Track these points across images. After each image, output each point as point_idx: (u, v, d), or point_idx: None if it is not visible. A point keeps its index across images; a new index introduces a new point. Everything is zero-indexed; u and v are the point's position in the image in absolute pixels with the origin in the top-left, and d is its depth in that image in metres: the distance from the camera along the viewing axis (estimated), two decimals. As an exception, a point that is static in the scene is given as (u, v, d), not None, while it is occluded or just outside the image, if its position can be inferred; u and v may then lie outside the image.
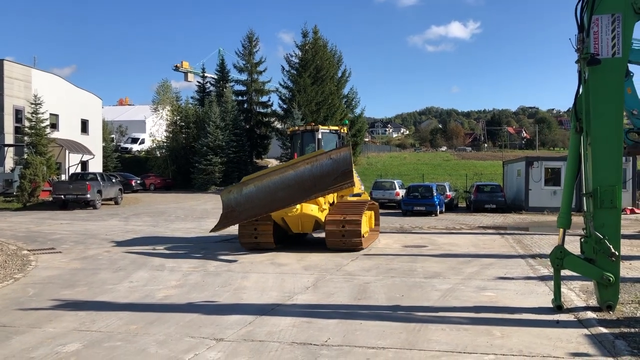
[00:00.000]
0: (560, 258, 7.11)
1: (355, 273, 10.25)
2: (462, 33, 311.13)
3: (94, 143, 41.08)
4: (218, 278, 9.82)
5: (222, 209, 12.71)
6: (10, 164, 31.57)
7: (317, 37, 48.70)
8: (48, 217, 22.94)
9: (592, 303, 7.53)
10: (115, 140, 58.60)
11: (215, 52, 79.62)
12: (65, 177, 33.41)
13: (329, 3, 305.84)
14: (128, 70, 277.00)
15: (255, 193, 12.22)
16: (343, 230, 12.70)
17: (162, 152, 50.23)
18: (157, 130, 50.53)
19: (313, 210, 12.86)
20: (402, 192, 29.60)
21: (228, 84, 50.91)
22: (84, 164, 37.22)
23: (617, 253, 6.87)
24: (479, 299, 8.03)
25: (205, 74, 55.91)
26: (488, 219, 23.49)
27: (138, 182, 42.21)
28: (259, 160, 51.86)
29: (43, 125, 31.79)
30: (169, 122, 49.20)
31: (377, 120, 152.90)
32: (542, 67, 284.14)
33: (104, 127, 48.63)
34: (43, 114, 31.93)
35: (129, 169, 47.81)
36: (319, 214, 13.03)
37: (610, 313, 6.96)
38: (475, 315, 7.09)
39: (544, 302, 7.72)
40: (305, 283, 9.28)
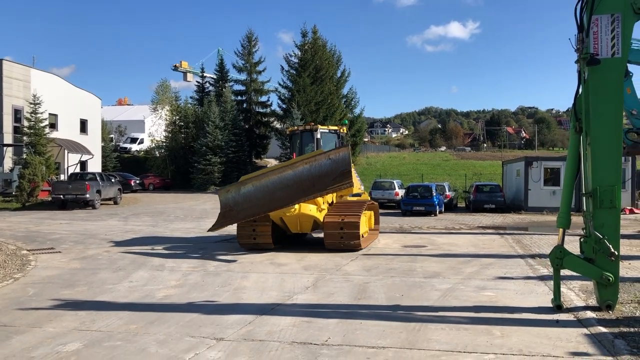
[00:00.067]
0: (560, 258, 7.13)
1: (355, 273, 10.26)
2: (461, 33, 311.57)
3: (93, 143, 41.05)
4: (218, 278, 9.83)
5: (220, 209, 12.71)
6: (9, 164, 31.54)
7: (316, 37, 48.73)
8: (47, 217, 22.92)
9: (591, 303, 7.54)
10: (114, 140, 58.60)
11: (215, 52, 79.91)
12: (64, 177, 33.40)
13: (328, 3, 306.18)
14: (127, 70, 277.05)
15: (254, 193, 12.20)
16: (342, 231, 12.69)
17: (161, 152, 50.24)
18: (156, 130, 50.54)
19: (311, 210, 12.85)
20: (401, 192, 29.61)
21: (227, 84, 50.91)
22: (83, 164, 37.20)
23: (616, 253, 6.89)
24: (479, 299, 8.04)
25: (205, 74, 55.91)
26: (487, 219, 23.51)
27: (137, 182, 42.18)
28: (258, 160, 51.85)
29: (42, 125, 31.75)
30: (168, 122, 49.21)
31: (376, 120, 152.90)
32: (541, 67, 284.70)
33: (103, 127, 48.61)
34: (42, 114, 31.89)
35: (128, 169, 47.78)
36: (318, 214, 13.03)
37: (610, 312, 6.97)
38: (475, 315, 7.10)
39: (544, 301, 7.73)
40: (305, 283, 9.29)
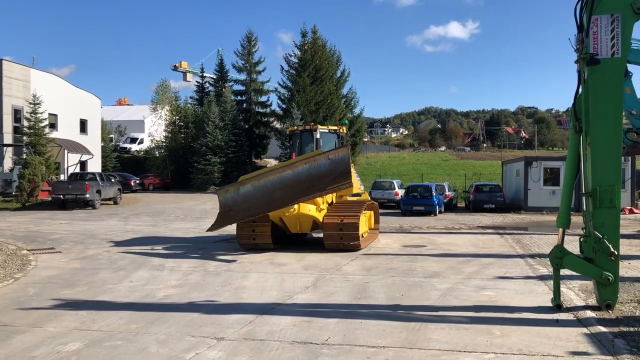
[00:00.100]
0: (560, 257, 7.14)
1: (355, 272, 10.27)
2: (461, 33, 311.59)
3: (93, 143, 41.05)
4: (218, 278, 9.84)
5: (219, 208, 12.71)
6: (9, 164, 31.56)
7: (316, 37, 48.74)
8: (47, 217, 22.93)
9: (591, 302, 7.55)
10: (114, 140, 58.60)
11: (214, 52, 79.93)
12: (64, 177, 33.40)
13: (328, 3, 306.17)
14: (127, 70, 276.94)
15: (253, 193, 12.20)
16: (341, 232, 12.68)
17: (161, 152, 50.25)
18: (155, 130, 50.55)
19: (311, 210, 12.85)
20: (401, 192, 29.62)
21: (227, 84, 50.91)
22: (83, 164, 37.21)
23: (616, 252, 6.90)
24: (479, 299, 8.05)
25: (204, 74, 55.92)
26: (487, 219, 23.52)
27: (137, 182, 42.19)
28: (258, 160, 51.86)
29: (42, 125, 31.74)
30: (168, 122, 49.23)
31: (376, 120, 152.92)
32: (541, 67, 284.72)
33: (103, 127, 48.61)
34: (42, 114, 31.89)
35: (128, 169, 47.79)
36: (317, 214, 13.03)
37: (610, 312, 6.98)
38: (475, 315, 7.11)
39: (544, 301, 7.74)
40: (305, 282, 9.30)
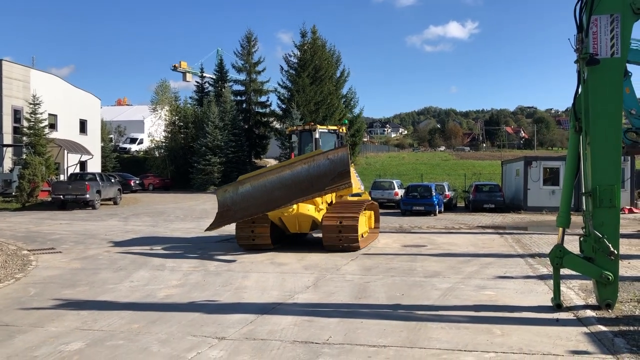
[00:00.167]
0: (560, 257, 7.16)
1: (356, 272, 10.29)
2: (460, 33, 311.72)
3: (93, 143, 41.05)
4: (219, 277, 9.85)
5: (217, 208, 12.72)
6: (9, 164, 31.57)
7: (315, 37, 48.76)
8: (47, 217, 22.94)
9: (591, 301, 7.57)
10: (114, 141, 58.58)
11: (214, 52, 79.86)
12: (64, 177, 33.41)
13: (327, 3, 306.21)
14: (126, 70, 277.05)
15: (252, 192, 12.20)
16: (340, 232, 12.68)
17: (160, 152, 50.26)
18: (155, 131, 50.55)
19: (310, 210, 12.85)
20: (401, 192, 29.64)
21: (227, 84, 50.91)
22: (83, 164, 37.21)
23: (616, 252, 6.92)
24: (479, 298, 8.07)
25: (204, 74, 55.94)
26: (487, 219, 23.54)
27: (137, 182, 42.19)
28: (258, 160, 51.88)
29: (42, 126, 31.75)
30: (168, 122, 49.24)
31: (375, 120, 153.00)
32: (540, 67, 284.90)
33: (103, 127, 48.60)
34: (42, 114, 31.89)
35: (128, 169, 47.79)
36: (316, 214, 13.03)
37: (609, 311, 7.00)
38: (475, 314, 7.13)
39: (544, 300, 7.77)
40: (306, 282, 9.31)
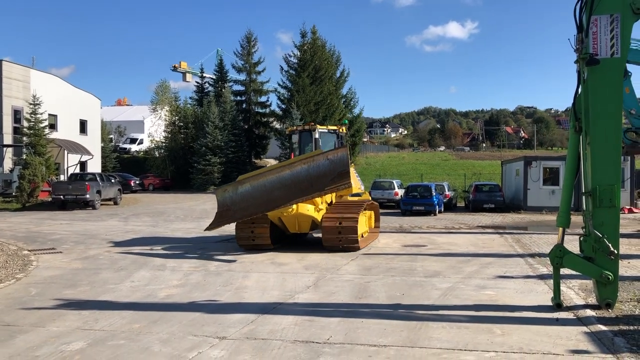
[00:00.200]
0: (560, 257, 7.17)
1: (356, 272, 10.30)
2: (460, 33, 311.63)
3: (93, 143, 41.07)
4: (219, 277, 9.87)
5: (217, 208, 12.72)
6: (9, 165, 31.59)
7: (315, 37, 48.78)
8: (47, 217, 22.95)
9: (591, 301, 7.59)
10: (114, 141, 58.60)
11: (214, 52, 79.89)
12: (64, 177, 33.42)
13: (327, 3, 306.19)
14: (126, 71, 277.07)
15: (251, 192, 12.20)
16: (340, 232, 12.67)
17: (160, 152, 50.28)
18: (155, 131, 50.57)
19: (309, 210, 12.84)
20: (401, 192, 29.67)
21: (226, 84, 50.94)
22: (83, 165, 37.23)
23: (616, 251, 6.94)
24: (479, 298, 8.08)
25: (204, 74, 55.97)
26: (487, 219, 23.56)
27: (137, 182, 42.22)
28: (258, 161, 51.89)
29: (42, 126, 31.78)
30: (168, 122, 49.27)
31: (375, 120, 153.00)
32: (540, 67, 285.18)
33: (103, 127, 48.64)
34: (42, 115, 31.93)
35: (128, 170, 47.81)
36: (315, 214, 13.02)
37: (609, 311, 7.02)
38: (476, 314, 7.15)
39: (544, 300, 7.78)
40: (306, 282, 9.33)
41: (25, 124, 31.69)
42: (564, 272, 7.50)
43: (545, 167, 27.76)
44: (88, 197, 26.85)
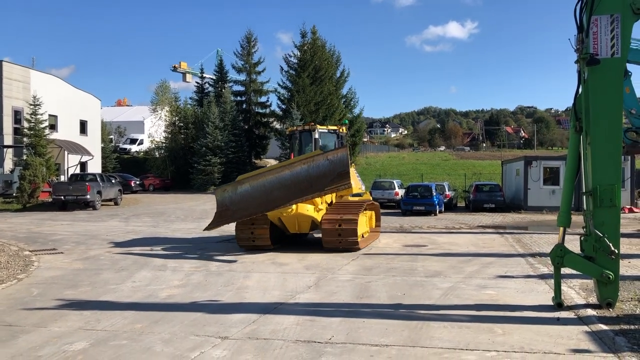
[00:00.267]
0: (561, 256, 7.18)
1: (357, 272, 10.32)
2: (460, 33, 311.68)
3: (93, 144, 41.08)
4: (220, 278, 9.88)
5: (216, 208, 12.73)
6: (10, 165, 31.59)
7: (315, 37, 48.78)
8: (48, 218, 22.97)
9: (592, 301, 7.60)
10: (114, 141, 58.62)
11: (214, 52, 79.97)
12: (65, 178, 33.44)
13: (327, 3, 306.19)
14: (126, 71, 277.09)
15: (251, 192, 12.20)
16: (339, 231, 12.65)
17: (160, 152, 50.28)
18: (155, 131, 50.62)
19: (309, 211, 12.83)
20: (401, 191, 29.67)
21: (227, 85, 50.95)
22: (83, 165, 37.24)
23: (616, 251, 6.95)
24: (480, 297, 8.10)
25: (204, 75, 55.97)
26: (487, 219, 23.57)
27: (137, 182, 42.24)
28: (258, 161, 51.91)
29: (42, 126, 31.80)
30: (168, 122, 49.28)
31: (375, 120, 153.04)
32: (540, 67, 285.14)
33: (103, 128, 48.66)
34: (42, 115, 31.95)
35: (128, 170, 47.82)
36: (315, 214, 13.01)
37: (610, 310, 7.03)
38: (477, 313, 7.16)
39: (544, 300, 7.79)
40: (307, 282, 9.34)
41: (26, 125, 31.71)
42: (565, 271, 7.51)
43: (546, 166, 27.78)
44: (88, 197, 26.86)
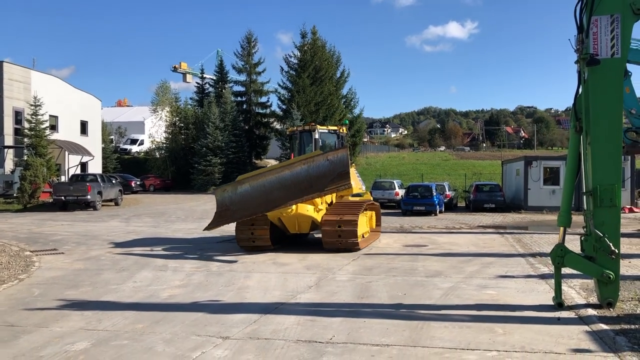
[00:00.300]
0: (561, 256, 7.19)
1: (357, 272, 10.33)
2: (460, 33, 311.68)
3: (94, 144, 41.10)
4: (221, 278, 9.89)
5: (216, 208, 12.73)
6: (11, 166, 31.62)
7: (315, 37, 48.84)
8: (49, 218, 22.99)
9: (592, 300, 7.62)
10: (115, 142, 58.67)
11: (214, 53, 79.97)
12: (65, 178, 33.46)
13: (327, 3, 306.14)
14: (126, 71, 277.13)
15: (250, 192, 12.20)
16: (339, 231, 12.66)
17: (161, 153, 50.36)
18: (156, 132, 50.64)
19: (309, 211, 12.83)
20: (401, 192, 29.69)
21: (227, 85, 50.99)
22: (84, 165, 37.26)
23: (617, 251, 6.96)
24: (481, 297, 8.11)
25: (204, 75, 56.02)
26: (487, 219, 23.58)
27: (138, 183, 42.28)
28: (258, 161, 51.95)
29: (43, 127, 31.79)
30: (168, 123, 49.35)
31: (375, 121, 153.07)
32: (540, 66, 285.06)
33: (103, 128, 48.69)
34: (42, 116, 31.95)
35: (128, 170, 47.88)
36: (315, 215, 13.01)
37: (611, 310, 7.04)
38: (477, 313, 7.17)
39: (545, 299, 7.80)
40: (308, 282, 9.35)
41: (26, 125, 31.71)
42: (565, 271, 7.52)
43: (546, 166, 27.79)
44: (89, 198, 26.88)
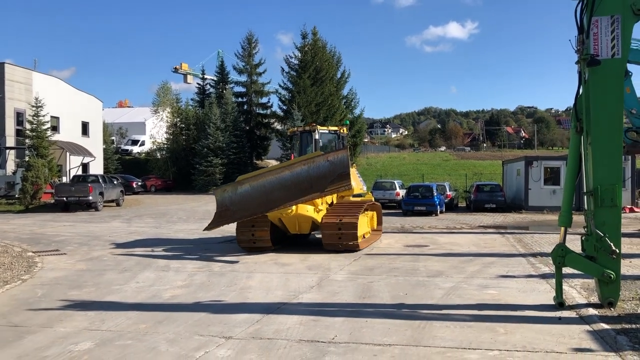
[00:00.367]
0: (562, 256, 7.22)
1: (359, 272, 10.36)
2: (460, 33, 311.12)
3: (95, 145, 41.19)
4: (223, 278, 9.93)
5: (216, 208, 12.76)
6: (12, 167, 31.69)
7: (316, 38, 48.89)
8: (50, 219, 23.04)
9: (593, 300, 7.65)
10: (116, 142, 58.78)
11: (215, 53, 79.94)
12: (67, 179, 33.54)
13: (327, 3, 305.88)
14: (127, 71, 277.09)
15: (251, 192, 12.23)
16: (339, 234, 12.67)
17: (162, 153, 50.42)
18: (157, 132, 50.72)
19: (309, 211, 12.85)
20: (402, 192, 29.71)
21: (228, 86, 51.08)
22: (85, 166, 37.35)
23: (617, 250, 6.99)
24: (482, 297, 8.14)
25: (205, 76, 56.09)
26: (488, 219, 23.60)
27: (139, 183, 42.35)
28: (259, 162, 52.00)
29: (44, 128, 31.91)
30: (169, 123, 49.44)
31: (375, 121, 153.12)
32: (540, 66, 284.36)
33: (105, 129, 48.76)
34: (44, 117, 32.05)
35: (130, 171, 47.97)
36: (315, 215, 13.03)
37: (612, 310, 7.07)
38: (479, 313, 7.20)
39: (546, 299, 7.83)
40: (310, 282, 9.39)
41: (28, 126, 31.81)
42: (566, 271, 7.55)
43: (546, 167, 27.81)
44: (91, 198, 26.93)
